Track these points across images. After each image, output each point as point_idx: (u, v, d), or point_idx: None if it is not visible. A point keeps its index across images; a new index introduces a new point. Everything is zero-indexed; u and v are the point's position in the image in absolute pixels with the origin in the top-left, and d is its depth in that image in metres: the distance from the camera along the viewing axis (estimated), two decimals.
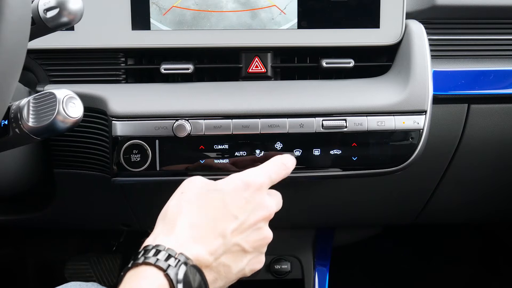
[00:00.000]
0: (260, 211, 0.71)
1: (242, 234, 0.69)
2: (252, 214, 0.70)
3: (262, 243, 0.72)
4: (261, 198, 0.72)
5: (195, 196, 0.70)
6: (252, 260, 0.71)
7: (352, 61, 0.94)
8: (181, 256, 0.61)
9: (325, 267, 1.33)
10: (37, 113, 0.67)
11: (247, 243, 0.69)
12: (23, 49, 0.61)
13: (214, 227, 0.67)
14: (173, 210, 0.68)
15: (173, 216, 0.67)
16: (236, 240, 0.68)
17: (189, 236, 0.65)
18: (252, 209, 0.70)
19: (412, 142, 0.89)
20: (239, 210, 0.69)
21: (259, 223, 0.71)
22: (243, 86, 0.93)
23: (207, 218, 0.67)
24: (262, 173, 0.75)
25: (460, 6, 0.98)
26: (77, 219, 1.18)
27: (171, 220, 0.67)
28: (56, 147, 0.94)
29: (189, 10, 0.92)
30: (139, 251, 0.63)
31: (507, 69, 0.99)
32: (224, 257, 0.67)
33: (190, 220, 0.66)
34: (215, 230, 0.67)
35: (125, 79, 0.95)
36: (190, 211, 0.67)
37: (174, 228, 0.65)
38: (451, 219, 1.31)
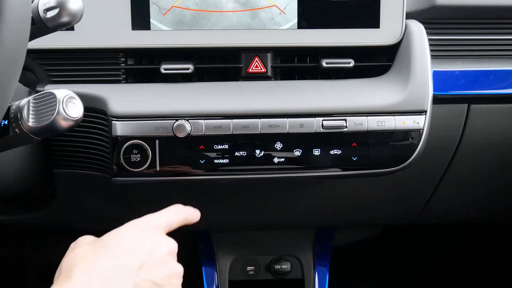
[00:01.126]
0: (160, 247, 0.69)
1: (150, 270, 0.66)
2: (154, 251, 0.68)
3: (173, 276, 0.69)
4: (158, 237, 0.70)
5: (89, 247, 0.66)
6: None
7: (352, 61, 0.94)
8: None
9: (325, 267, 1.33)
10: (37, 113, 0.67)
11: (158, 277, 0.67)
12: (23, 49, 0.61)
13: (117, 267, 0.63)
14: (66, 264, 0.64)
15: (67, 269, 0.62)
16: (145, 276, 0.65)
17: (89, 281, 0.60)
18: (152, 246, 0.68)
19: (412, 142, 0.89)
20: (138, 249, 0.66)
21: (163, 257, 0.69)
22: (243, 86, 0.93)
23: (107, 261, 0.63)
24: (158, 216, 0.73)
25: (460, 6, 0.98)
26: (77, 219, 1.18)
27: (66, 272, 0.62)
28: (56, 147, 0.94)
29: (189, 10, 0.92)
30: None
31: (507, 69, 0.99)
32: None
33: (88, 266, 0.62)
34: (119, 270, 0.63)
35: (125, 79, 0.95)
36: (86, 259, 0.63)
37: (70, 279, 0.60)
38: (451, 219, 1.31)
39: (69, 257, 0.65)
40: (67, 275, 0.61)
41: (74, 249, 0.67)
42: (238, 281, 1.33)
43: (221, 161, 0.87)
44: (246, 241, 1.33)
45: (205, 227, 1.26)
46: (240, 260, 1.33)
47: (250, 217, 1.18)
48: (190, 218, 0.78)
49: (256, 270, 1.33)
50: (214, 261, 1.32)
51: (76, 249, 0.67)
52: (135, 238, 0.68)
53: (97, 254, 0.64)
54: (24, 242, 1.60)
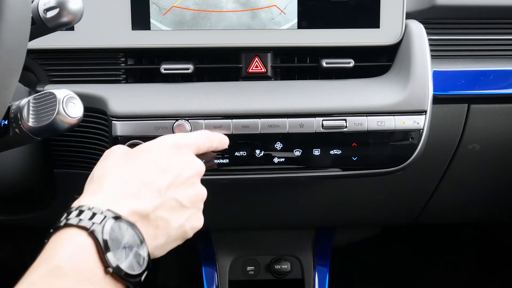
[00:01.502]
0: (191, 166, 0.69)
1: (177, 189, 0.66)
2: (184, 170, 0.68)
3: (198, 198, 0.70)
4: (189, 156, 0.71)
5: (122, 158, 0.67)
6: (191, 216, 0.68)
7: (352, 61, 0.94)
8: (108, 213, 0.57)
9: (325, 267, 1.33)
10: (37, 113, 0.67)
11: (184, 197, 0.67)
12: (23, 49, 0.61)
13: (146, 181, 0.64)
14: (99, 172, 0.65)
15: (100, 177, 0.64)
16: (172, 195, 0.65)
17: (120, 192, 0.61)
18: (183, 165, 0.68)
19: (412, 142, 0.89)
20: (170, 166, 0.67)
21: (192, 178, 0.69)
22: (243, 86, 0.93)
23: (138, 174, 0.64)
24: (189, 136, 0.74)
25: (460, 6, 0.98)
26: None
27: (98, 180, 0.63)
28: (56, 147, 0.94)
29: (189, 10, 0.92)
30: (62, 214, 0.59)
31: (507, 69, 0.99)
32: (161, 211, 0.63)
33: (119, 178, 0.63)
34: (148, 185, 0.64)
35: (125, 79, 0.95)
36: (118, 170, 0.64)
37: (102, 187, 0.62)
38: (451, 219, 1.31)
39: (102, 165, 0.67)
40: (99, 184, 0.63)
41: (107, 158, 0.68)
42: (238, 281, 1.33)
43: (221, 161, 0.87)
44: (246, 241, 1.33)
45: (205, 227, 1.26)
46: (240, 260, 1.33)
47: (250, 217, 1.18)
48: (217, 146, 0.80)
49: (256, 270, 1.33)
50: (214, 261, 1.32)
51: (109, 158, 0.68)
52: (168, 155, 0.68)
53: (129, 167, 0.65)
54: (24, 242, 1.60)
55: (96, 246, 0.55)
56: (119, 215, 0.58)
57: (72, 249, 0.55)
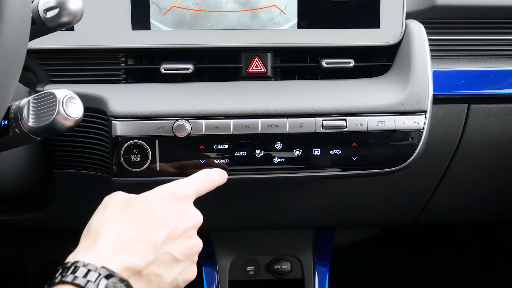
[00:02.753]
0: (188, 219, 0.69)
1: (173, 243, 0.66)
2: (180, 222, 0.68)
3: (193, 251, 0.69)
4: (187, 207, 0.70)
5: (119, 209, 0.67)
6: (185, 269, 0.68)
7: (352, 61, 0.94)
8: (102, 270, 0.58)
9: (325, 267, 1.33)
10: (37, 113, 0.67)
11: (179, 252, 0.67)
12: (23, 49, 0.61)
13: (143, 237, 0.64)
14: (95, 224, 0.65)
15: (96, 230, 0.64)
16: (167, 249, 0.65)
17: (115, 247, 0.62)
18: (180, 217, 0.68)
19: (412, 142, 0.89)
20: (167, 219, 0.67)
21: (188, 231, 0.68)
22: (243, 86, 0.93)
23: (135, 228, 0.64)
24: (187, 183, 0.73)
25: (460, 6, 0.98)
26: (77, 219, 1.18)
27: (94, 234, 0.63)
28: (56, 147, 0.94)
29: (189, 10, 0.92)
30: (57, 269, 0.59)
31: (507, 69, 0.99)
32: (154, 267, 0.64)
33: (115, 232, 0.63)
34: (144, 240, 0.64)
35: (125, 79, 0.95)
36: (115, 223, 0.65)
37: (97, 242, 0.62)
38: (451, 219, 1.31)
39: (100, 216, 0.66)
40: (95, 238, 0.63)
41: (105, 207, 0.68)
42: (238, 281, 1.33)
43: (221, 161, 0.87)
44: (246, 241, 1.33)
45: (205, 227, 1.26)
46: (240, 260, 1.33)
47: (250, 217, 1.18)
48: (218, 182, 0.79)
49: (256, 270, 1.33)
50: (214, 261, 1.32)
51: (107, 208, 0.68)
52: (165, 207, 0.68)
53: (126, 221, 0.65)
54: (24, 242, 1.60)
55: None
56: (113, 272, 0.59)
57: None
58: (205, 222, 0.73)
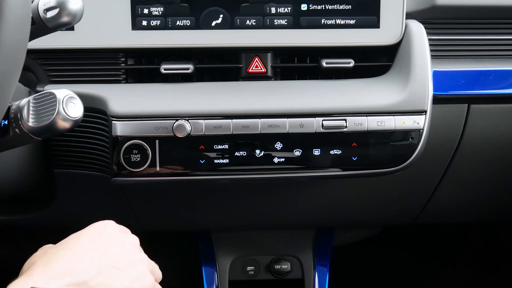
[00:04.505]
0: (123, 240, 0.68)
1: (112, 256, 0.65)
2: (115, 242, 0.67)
3: (136, 261, 0.67)
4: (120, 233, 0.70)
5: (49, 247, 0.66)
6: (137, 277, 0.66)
7: (352, 61, 0.94)
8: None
9: (325, 267, 1.33)
10: (37, 113, 0.67)
11: (120, 262, 0.65)
12: (23, 49, 0.61)
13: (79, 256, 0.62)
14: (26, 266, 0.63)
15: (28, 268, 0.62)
16: (107, 261, 0.64)
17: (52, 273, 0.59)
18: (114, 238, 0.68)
19: (412, 142, 0.89)
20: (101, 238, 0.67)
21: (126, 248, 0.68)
22: (243, 86, 0.93)
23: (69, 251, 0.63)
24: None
25: (460, 6, 0.98)
26: (77, 219, 1.18)
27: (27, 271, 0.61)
28: (56, 147, 0.94)
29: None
30: None
31: (507, 69, 0.99)
32: (101, 277, 0.61)
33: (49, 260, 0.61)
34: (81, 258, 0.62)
35: (125, 79, 0.95)
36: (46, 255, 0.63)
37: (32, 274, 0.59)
38: (451, 219, 1.31)
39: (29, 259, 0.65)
40: (28, 273, 0.60)
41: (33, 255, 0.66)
42: (238, 281, 1.33)
43: (221, 161, 0.87)
44: (246, 241, 1.33)
45: (205, 227, 1.26)
46: (240, 260, 1.33)
47: (250, 217, 1.18)
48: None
49: (256, 270, 1.33)
50: (214, 261, 1.32)
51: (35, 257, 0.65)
52: (97, 230, 0.68)
53: (57, 249, 0.64)
54: (24, 242, 1.60)
55: None
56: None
57: None
58: (205, 222, 0.74)
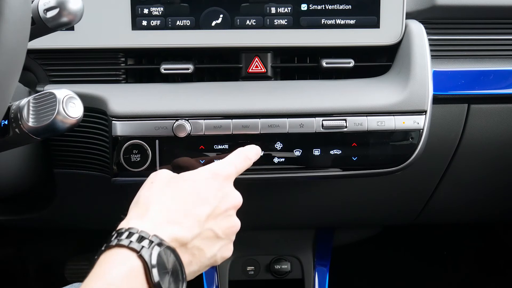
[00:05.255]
0: (229, 199, 0.72)
1: (215, 220, 0.70)
2: (223, 201, 0.71)
3: (232, 230, 0.73)
4: (229, 188, 0.74)
5: (166, 185, 0.71)
6: (223, 247, 0.72)
7: (352, 61, 0.94)
8: (154, 238, 0.62)
9: (325, 267, 1.33)
10: (37, 113, 0.67)
11: (220, 229, 0.70)
12: (23, 49, 0.61)
13: (188, 211, 0.68)
14: (145, 196, 0.69)
15: (146, 202, 0.68)
16: (210, 225, 0.69)
17: (164, 218, 0.65)
18: (222, 196, 0.71)
19: (412, 142, 0.89)
20: (211, 197, 0.70)
21: (229, 210, 0.72)
22: (243, 86, 0.93)
23: (181, 203, 0.68)
24: (228, 164, 0.76)
25: (460, 6, 0.98)
26: (77, 219, 1.18)
27: (144, 205, 0.67)
28: (56, 147, 0.94)
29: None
30: (112, 234, 0.63)
31: (507, 69, 0.99)
32: (198, 241, 0.67)
33: (163, 205, 0.67)
34: (189, 214, 0.67)
35: (125, 79, 0.95)
36: (162, 197, 0.68)
37: (148, 212, 0.66)
38: (451, 219, 1.31)
39: (148, 190, 0.70)
40: (145, 209, 0.66)
41: (153, 182, 0.71)
42: (238, 281, 1.33)
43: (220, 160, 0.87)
44: (246, 241, 1.33)
45: None
46: (240, 260, 1.33)
47: (250, 217, 1.17)
48: (254, 160, 0.81)
49: (256, 270, 1.33)
50: None
51: (155, 183, 0.71)
52: (208, 186, 0.71)
53: (173, 195, 0.69)
54: (24, 242, 1.60)
55: (145, 269, 0.59)
56: (163, 241, 0.62)
57: (124, 269, 0.59)
58: None
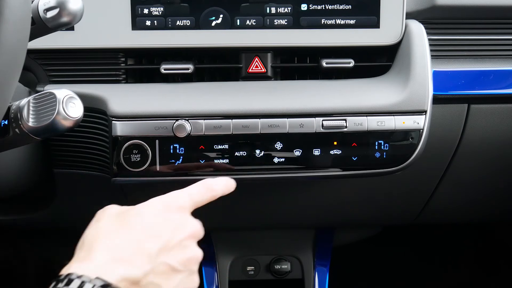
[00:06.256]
0: (184, 229, 0.68)
1: (169, 253, 0.65)
2: (176, 233, 0.66)
3: (192, 261, 0.68)
4: (183, 218, 0.69)
5: (113, 221, 0.66)
6: (185, 279, 0.67)
7: (352, 61, 0.94)
8: (97, 281, 0.57)
9: (325, 267, 1.33)
10: (37, 113, 0.67)
11: (176, 262, 0.65)
12: (23, 49, 0.61)
13: (137, 247, 0.63)
14: (90, 236, 0.65)
15: (91, 242, 0.63)
16: (163, 259, 0.64)
17: (109, 258, 0.61)
18: (175, 227, 0.67)
19: (412, 142, 0.89)
20: (161, 230, 0.66)
21: (185, 241, 0.67)
22: (243, 86, 0.93)
23: (128, 239, 0.64)
24: (183, 194, 0.71)
25: (460, 6, 0.98)
26: (77, 219, 1.18)
27: (88, 245, 0.63)
28: (56, 147, 0.94)
29: None
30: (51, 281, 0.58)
31: (507, 69, 0.99)
32: (152, 276, 0.62)
33: (109, 243, 0.63)
34: (138, 250, 0.63)
35: (125, 79, 0.95)
36: (108, 235, 0.64)
37: (91, 253, 0.61)
38: (451, 219, 1.31)
39: (93, 229, 0.66)
40: (89, 250, 0.62)
41: (98, 220, 0.67)
42: (238, 281, 1.33)
43: (221, 161, 0.87)
44: (246, 241, 1.33)
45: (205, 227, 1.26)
46: (240, 260, 1.33)
47: (250, 217, 1.18)
48: (222, 192, 0.76)
49: (256, 270, 1.33)
50: (214, 261, 1.32)
51: (101, 220, 0.67)
52: (159, 219, 0.67)
53: (120, 232, 0.64)
54: (24, 242, 1.60)
55: None
56: (108, 283, 0.58)
57: None
58: (205, 222, 0.73)
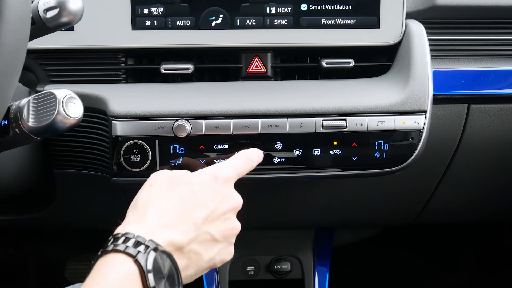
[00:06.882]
0: (228, 201, 0.72)
1: (212, 223, 0.69)
2: (221, 204, 0.71)
3: (231, 233, 0.72)
4: (228, 190, 0.73)
5: (165, 187, 0.71)
6: (222, 250, 0.71)
7: (352, 61, 0.94)
8: (150, 243, 0.62)
9: (325, 267, 1.33)
10: (37, 113, 0.67)
11: (217, 232, 0.70)
12: (23, 49, 0.61)
13: (185, 215, 0.68)
14: (143, 200, 0.69)
15: (143, 205, 0.68)
16: (207, 229, 0.68)
17: (160, 223, 0.66)
18: (221, 199, 0.71)
19: (412, 142, 0.89)
20: (208, 200, 0.70)
21: (228, 213, 0.72)
22: (243, 86, 0.93)
23: (178, 207, 0.68)
24: (228, 165, 0.76)
25: (460, 6, 0.98)
26: (77, 219, 1.18)
27: (141, 209, 0.68)
28: (56, 147, 0.94)
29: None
30: (108, 239, 0.63)
31: (507, 69, 0.99)
32: (195, 244, 0.67)
33: (160, 209, 0.67)
34: (186, 218, 0.67)
35: (125, 79, 0.95)
36: (160, 201, 0.68)
37: (145, 216, 0.66)
38: (451, 219, 1.31)
39: (146, 193, 0.70)
40: (142, 213, 0.67)
41: (151, 184, 0.71)
42: (238, 281, 1.33)
43: (221, 161, 0.87)
44: (246, 241, 1.33)
45: None
46: (240, 260, 1.33)
47: (250, 217, 1.17)
48: (257, 162, 0.81)
49: (256, 270, 1.33)
50: None
51: (154, 185, 0.71)
52: (207, 189, 0.71)
53: (171, 199, 0.69)
54: (24, 242, 1.60)
55: (141, 274, 0.60)
56: (159, 246, 0.62)
57: (120, 274, 0.59)
58: None
